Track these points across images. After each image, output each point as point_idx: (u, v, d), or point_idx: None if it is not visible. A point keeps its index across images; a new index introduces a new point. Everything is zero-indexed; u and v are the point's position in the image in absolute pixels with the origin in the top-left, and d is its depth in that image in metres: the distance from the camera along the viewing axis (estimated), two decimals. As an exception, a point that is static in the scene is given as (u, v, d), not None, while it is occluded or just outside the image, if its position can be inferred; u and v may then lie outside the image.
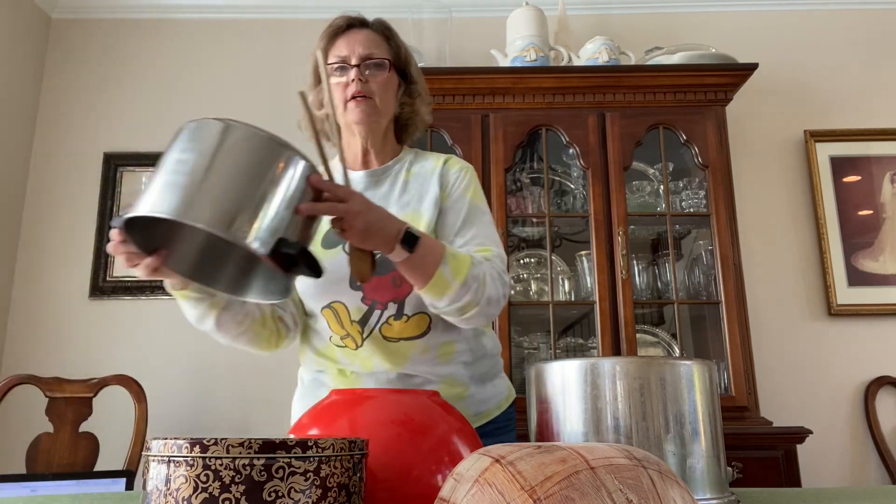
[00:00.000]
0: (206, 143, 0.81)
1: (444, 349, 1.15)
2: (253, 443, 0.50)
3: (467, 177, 1.23)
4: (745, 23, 2.86)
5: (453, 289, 1.03)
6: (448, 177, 1.22)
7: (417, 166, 1.24)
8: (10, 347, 2.57)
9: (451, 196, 1.19)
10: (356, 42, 1.19)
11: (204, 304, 1.05)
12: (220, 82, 2.84)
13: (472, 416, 1.17)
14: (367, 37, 1.20)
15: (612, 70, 2.37)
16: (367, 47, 1.18)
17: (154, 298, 2.61)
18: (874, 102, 2.77)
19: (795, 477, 2.03)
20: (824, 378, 2.51)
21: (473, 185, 1.23)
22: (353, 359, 1.15)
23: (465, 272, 1.03)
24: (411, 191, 1.21)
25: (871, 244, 2.60)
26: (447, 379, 1.15)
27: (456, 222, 1.17)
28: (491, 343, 1.25)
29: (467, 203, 1.19)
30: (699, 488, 0.70)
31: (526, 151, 2.51)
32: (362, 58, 1.17)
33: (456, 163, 1.25)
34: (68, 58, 2.86)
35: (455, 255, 1.04)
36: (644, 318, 2.47)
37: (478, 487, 0.46)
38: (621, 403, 0.71)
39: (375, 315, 1.13)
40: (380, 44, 1.21)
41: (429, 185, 1.20)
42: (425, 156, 1.28)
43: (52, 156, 2.76)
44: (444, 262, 1.02)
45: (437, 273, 1.01)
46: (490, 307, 1.08)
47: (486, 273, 1.07)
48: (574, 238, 2.51)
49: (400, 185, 1.22)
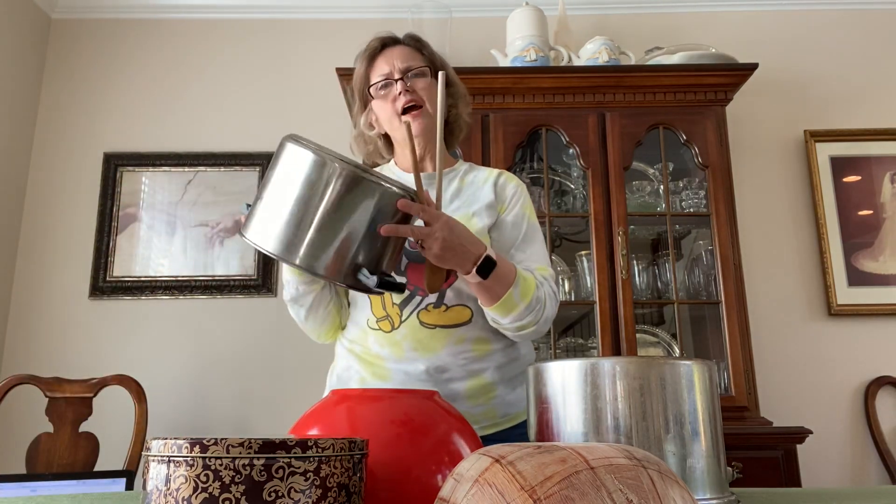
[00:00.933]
0: (319, 183, 0.91)
1: (479, 346, 1.17)
2: (253, 443, 0.50)
3: (524, 195, 1.28)
4: (745, 23, 2.86)
5: (519, 310, 1.10)
6: (506, 190, 1.27)
7: (471, 176, 1.30)
8: (10, 347, 2.57)
9: (511, 210, 1.25)
10: (394, 58, 1.26)
11: (316, 283, 1.17)
12: (221, 82, 2.84)
13: (500, 418, 1.17)
14: (402, 51, 1.27)
15: (612, 70, 2.37)
16: (405, 60, 1.25)
17: (154, 298, 2.61)
18: (874, 102, 2.76)
19: (795, 477, 2.03)
20: (824, 378, 2.51)
21: (530, 204, 1.29)
22: (386, 343, 1.16)
23: (531, 294, 1.11)
24: (463, 196, 1.26)
25: (871, 244, 2.60)
26: (476, 377, 1.15)
27: (517, 237, 1.23)
28: (525, 349, 1.27)
29: (527, 221, 1.25)
30: (699, 488, 0.70)
31: (526, 151, 2.51)
32: (403, 70, 1.24)
33: (512, 178, 1.30)
34: (68, 58, 2.86)
35: (525, 279, 1.11)
36: (644, 318, 2.47)
37: (478, 487, 0.46)
38: (621, 403, 0.71)
39: (416, 300, 1.16)
40: (415, 55, 1.28)
41: (481, 193, 1.26)
42: (479, 168, 1.34)
43: (52, 156, 2.76)
44: (515, 285, 1.09)
45: (507, 294, 1.08)
46: (545, 326, 1.16)
47: (546, 295, 1.14)
48: (574, 238, 2.51)
49: (453, 191, 1.27)
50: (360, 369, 1.19)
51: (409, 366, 1.14)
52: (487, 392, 1.16)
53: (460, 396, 1.14)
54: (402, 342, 1.15)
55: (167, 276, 2.63)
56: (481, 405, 1.15)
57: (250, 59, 2.87)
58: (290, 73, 2.84)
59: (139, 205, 2.70)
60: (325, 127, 2.74)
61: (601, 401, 0.72)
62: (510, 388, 1.20)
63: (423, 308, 1.16)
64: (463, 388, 1.14)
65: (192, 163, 2.73)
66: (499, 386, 1.18)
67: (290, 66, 2.85)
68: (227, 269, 2.64)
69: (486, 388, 1.16)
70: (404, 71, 1.24)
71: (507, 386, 1.19)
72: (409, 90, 1.22)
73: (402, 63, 1.25)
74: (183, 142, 2.77)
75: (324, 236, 0.90)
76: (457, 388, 1.14)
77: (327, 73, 2.71)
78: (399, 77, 1.23)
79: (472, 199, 1.26)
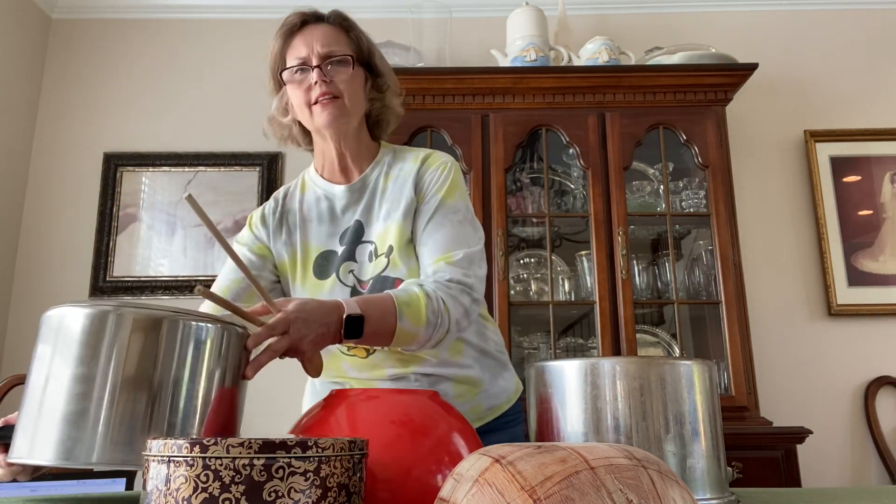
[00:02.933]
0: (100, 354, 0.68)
1: (455, 347, 1.14)
2: (253, 443, 0.50)
3: (443, 174, 1.14)
4: (745, 23, 2.86)
5: (419, 335, 0.99)
6: (424, 178, 1.14)
7: (396, 168, 1.17)
8: (10, 347, 2.57)
9: (425, 198, 1.12)
10: (314, 39, 1.11)
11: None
12: (221, 82, 2.84)
13: (485, 411, 1.16)
14: (325, 32, 1.12)
15: (612, 70, 2.37)
16: (326, 44, 1.10)
17: (154, 298, 2.61)
18: (874, 102, 2.76)
19: (795, 477, 2.03)
20: (824, 378, 2.51)
21: (449, 181, 1.14)
22: (365, 366, 1.12)
23: (423, 315, 0.98)
24: (391, 196, 1.14)
25: (871, 244, 2.60)
26: (462, 377, 1.14)
27: (421, 228, 1.10)
28: (494, 335, 1.24)
29: (437, 202, 1.11)
30: (699, 488, 0.70)
31: (526, 151, 2.51)
32: (322, 56, 1.09)
33: (435, 160, 1.17)
34: (68, 58, 2.86)
35: (408, 303, 0.98)
36: (644, 318, 2.47)
37: (478, 487, 0.46)
38: (621, 403, 0.71)
39: None
40: (339, 38, 1.13)
41: (405, 190, 1.14)
42: (404, 155, 1.19)
43: (52, 156, 2.76)
44: (400, 318, 0.96)
45: (397, 331, 0.97)
46: (461, 324, 1.05)
47: (443, 300, 1.01)
48: (574, 238, 2.51)
49: (379, 196, 1.15)
50: (343, 383, 1.15)
51: (398, 376, 1.12)
52: (474, 388, 1.15)
53: (449, 396, 1.12)
54: (382, 364, 1.10)
55: (167, 276, 2.63)
56: (468, 402, 1.13)
57: (250, 59, 2.87)
58: (290, 73, 2.84)
59: (139, 205, 2.70)
60: (325, 127, 2.74)
61: (601, 401, 0.72)
62: (493, 381, 1.18)
63: None
64: (450, 387, 1.12)
65: (192, 163, 2.73)
66: (483, 381, 1.16)
67: (290, 66, 2.85)
68: (227, 269, 2.64)
69: (474, 385, 1.15)
70: (323, 57, 1.09)
71: (490, 380, 1.17)
72: (326, 80, 1.08)
73: (322, 47, 1.10)
74: (183, 142, 2.77)
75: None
76: (444, 388, 1.11)
77: (327, 73, 2.71)
78: (317, 64, 1.09)
79: (398, 195, 1.13)
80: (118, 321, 0.69)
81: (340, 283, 1.11)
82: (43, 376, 0.70)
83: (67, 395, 0.67)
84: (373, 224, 1.14)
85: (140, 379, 0.68)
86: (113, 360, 0.68)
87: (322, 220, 1.17)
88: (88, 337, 0.69)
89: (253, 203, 2.69)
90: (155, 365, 0.69)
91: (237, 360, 0.78)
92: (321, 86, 1.08)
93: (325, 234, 1.16)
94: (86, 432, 0.66)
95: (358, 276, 1.11)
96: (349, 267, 1.12)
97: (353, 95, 1.11)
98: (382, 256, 1.10)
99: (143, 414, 0.68)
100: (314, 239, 1.16)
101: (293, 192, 1.22)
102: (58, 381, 0.68)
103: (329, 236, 1.16)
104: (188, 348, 0.71)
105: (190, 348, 0.71)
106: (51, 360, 0.70)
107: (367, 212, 1.15)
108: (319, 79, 1.08)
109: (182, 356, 0.71)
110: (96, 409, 0.67)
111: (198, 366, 0.72)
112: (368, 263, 1.12)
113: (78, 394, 0.67)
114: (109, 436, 0.66)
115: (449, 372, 1.12)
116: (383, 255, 1.10)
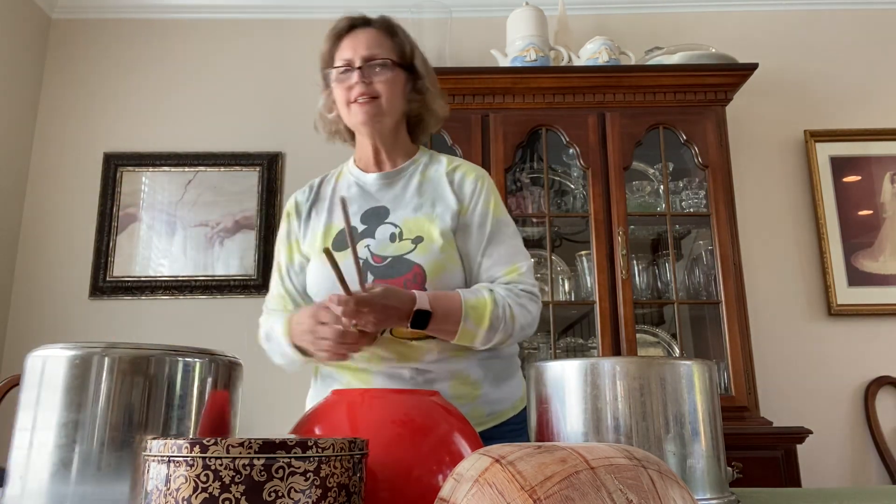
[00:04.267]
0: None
1: (460, 348, 1.14)
2: (253, 443, 0.50)
3: (485, 187, 1.22)
4: (745, 23, 2.86)
5: (480, 336, 1.10)
6: (464, 188, 1.22)
7: (432, 169, 1.25)
8: (10, 347, 2.57)
9: (474, 211, 1.20)
10: (359, 43, 1.20)
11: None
12: (221, 82, 2.84)
13: (486, 417, 1.15)
14: (369, 36, 1.21)
15: (612, 70, 2.37)
16: (369, 47, 1.19)
17: (154, 298, 2.61)
18: (874, 102, 2.76)
19: (795, 477, 2.03)
20: (824, 378, 2.51)
21: (493, 195, 1.23)
22: (366, 354, 1.14)
23: (487, 319, 1.09)
24: (426, 193, 1.22)
25: (871, 244, 2.60)
26: (460, 377, 1.14)
27: (481, 242, 1.19)
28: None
29: (491, 218, 1.20)
30: (699, 488, 0.70)
31: (526, 151, 2.51)
32: (365, 59, 1.18)
33: (470, 172, 1.24)
34: (68, 58, 2.86)
35: (474, 306, 1.09)
36: (644, 318, 2.47)
37: (478, 487, 0.46)
38: (621, 403, 0.71)
39: None
40: (383, 42, 1.21)
41: (442, 191, 1.21)
42: (438, 158, 1.28)
43: (52, 156, 2.76)
44: (465, 318, 1.08)
45: (460, 329, 1.08)
46: (524, 331, 1.15)
47: (510, 306, 1.12)
48: (574, 238, 2.51)
49: (414, 187, 1.23)
50: (342, 377, 1.17)
51: (393, 370, 1.13)
52: (472, 391, 1.14)
53: (445, 397, 1.12)
54: (382, 353, 1.13)
55: (167, 276, 2.63)
56: (467, 404, 1.13)
57: (250, 59, 2.87)
58: (290, 73, 2.84)
59: (139, 205, 2.70)
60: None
61: (601, 401, 0.72)
62: (495, 386, 1.18)
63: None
64: (447, 388, 1.12)
65: (192, 163, 2.73)
66: (483, 384, 1.15)
67: (290, 66, 2.85)
68: (226, 269, 2.64)
69: (471, 387, 1.14)
70: (366, 59, 1.18)
71: (493, 384, 1.17)
72: (365, 81, 1.17)
73: (365, 50, 1.19)
74: (183, 142, 2.77)
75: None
76: (441, 388, 1.12)
77: (327, 73, 2.71)
78: (359, 65, 1.18)
79: (433, 196, 1.21)
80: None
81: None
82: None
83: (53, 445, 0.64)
84: (399, 211, 1.20)
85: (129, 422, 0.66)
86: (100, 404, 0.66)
87: (350, 202, 1.24)
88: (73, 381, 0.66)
89: (253, 203, 2.69)
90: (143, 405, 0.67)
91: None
92: (360, 86, 1.17)
93: (350, 214, 1.23)
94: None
95: (373, 251, 1.17)
96: (365, 242, 1.18)
97: (390, 96, 1.20)
98: (408, 241, 1.16)
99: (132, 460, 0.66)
100: (338, 219, 1.23)
101: (329, 180, 1.32)
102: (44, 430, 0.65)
103: (353, 215, 1.22)
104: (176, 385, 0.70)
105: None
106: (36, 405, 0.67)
107: (396, 200, 1.22)
108: (360, 79, 1.17)
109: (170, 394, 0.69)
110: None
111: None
112: (390, 243, 1.17)
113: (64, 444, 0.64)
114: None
115: (448, 372, 1.13)
116: (409, 241, 1.16)
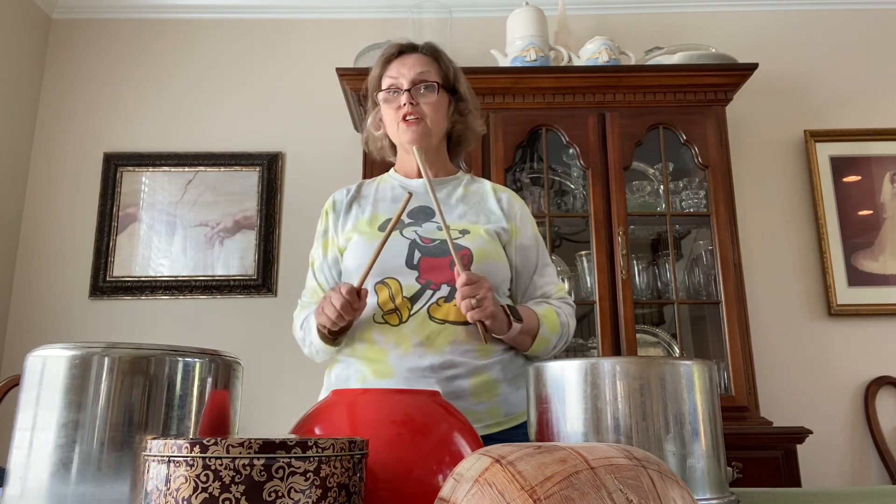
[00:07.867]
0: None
1: (483, 346, 1.17)
2: (253, 443, 0.50)
3: (528, 211, 1.36)
4: (745, 23, 2.86)
5: (552, 342, 1.24)
6: (514, 209, 1.32)
7: (475, 186, 1.36)
8: (10, 347, 2.57)
9: (524, 233, 1.31)
10: (407, 66, 1.29)
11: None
12: (220, 82, 2.84)
13: (503, 417, 1.18)
14: (416, 60, 1.31)
15: (612, 70, 2.37)
16: (416, 71, 1.29)
17: (154, 298, 2.61)
18: (874, 102, 2.76)
19: (795, 477, 2.03)
20: (824, 378, 2.51)
21: (532, 218, 1.36)
22: (392, 337, 1.16)
23: (557, 326, 1.24)
24: (469, 203, 1.32)
25: (871, 244, 2.60)
26: (481, 374, 1.16)
27: (536, 263, 1.31)
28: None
29: (538, 242, 1.33)
30: (699, 488, 0.70)
31: (526, 151, 2.51)
32: (413, 81, 1.28)
33: (514, 196, 1.36)
34: (68, 58, 2.86)
35: (546, 315, 1.23)
36: (644, 318, 2.47)
37: (478, 487, 0.46)
38: (621, 403, 0.71)
39: (427, 294, 1.17)
40: (429, 66, 1.31)
41: (487, 205, 1.32)
42: (480, 179, 1.40)
43: (52, 156, 2.76)
44: (542, 325, 1.21)
45: (538, 335, 1.21)
46: (570, 337, 1.30)
47: (567, 315, 1.27)
48: (574, 238, 2.51)
49: (458, 197, 1.33)
50: (361, 367, 1.18)
51: (414, 361, 1.14)
52: (491, 389, 1.17)
53: (465, 393, 1.14)
54: (410, 336, 1.15)
55: (167, 276, 2.63)
56: (485, 402, 1.15)
57: (250, 59, 2.87)
58: (290, 73, 2.84)
59: (139, 205, 2.70)
60: (325, 127, 2.74)
61: (601, 401, 0.72)
62: (513, 388, 1.21)
63: (434, 302, 1.16)
64: (468, 384, 1.14)
65: (192, 163, 2.73)
66: (502, 384, 1.18)
67: (290, 66, 2.85)
68: (227, 269, 2.64)
69: (491, 386, 1.17)
70: (413, 82, 1.28)
71: (511, 385, 1.20)
72: (413, 103, 1.27)
73: (413, 73, 1.28)
74: (183, 142, 2.77)
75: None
76: (462, 384, 1.14)
77: (327, 74, 2.71)
78: (407, 87, 1.27)
79: (477, 207, 1.31)
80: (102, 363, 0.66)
81: (402, 236, 1.23)
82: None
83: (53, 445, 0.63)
84: (445, 214, 1.26)
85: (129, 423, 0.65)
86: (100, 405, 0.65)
87: (396, 200, 1.32)
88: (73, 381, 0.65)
89: (253, 203, 2.69)
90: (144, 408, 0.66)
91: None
92: (408, 107, 1.27)
93: (395, 209, 1.31)
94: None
95: (421, 234, 1.24)
96: (412, 228, 1.26)
97: (435, 117, 1.29)
98: (455, 231, 1.25)
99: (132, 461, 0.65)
100: (384, 212, 1.31)
101: (370, 183, 1.41)
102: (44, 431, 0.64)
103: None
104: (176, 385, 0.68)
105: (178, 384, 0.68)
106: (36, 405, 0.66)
107: (442, 203, 1.29)
108: (408, 100, 1.27)
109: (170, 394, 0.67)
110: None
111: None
112: (437, 230, 1.25)
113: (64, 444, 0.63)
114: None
115: (467, 367, 1.15)
116: (456, 231, 1.25)
